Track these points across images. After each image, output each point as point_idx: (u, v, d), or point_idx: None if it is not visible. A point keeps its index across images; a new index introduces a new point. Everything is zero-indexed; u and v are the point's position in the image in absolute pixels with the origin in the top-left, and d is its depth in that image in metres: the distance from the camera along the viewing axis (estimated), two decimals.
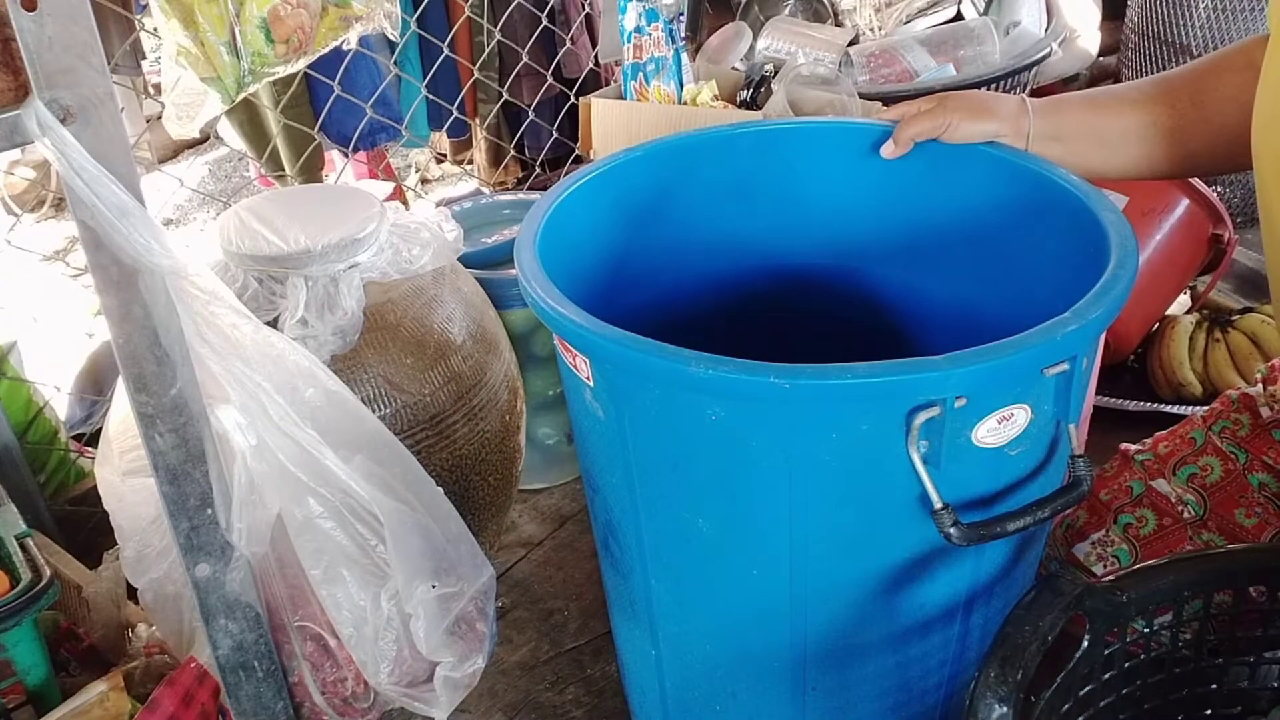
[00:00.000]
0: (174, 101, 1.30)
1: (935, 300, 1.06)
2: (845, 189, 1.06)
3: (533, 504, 1.54)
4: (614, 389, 0.78)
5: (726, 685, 0.89)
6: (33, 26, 0.70)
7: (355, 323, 1.09)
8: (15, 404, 1.36)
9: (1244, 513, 1.00)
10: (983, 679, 0.68)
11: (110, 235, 0.77)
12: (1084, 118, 0.97)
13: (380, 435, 1.03)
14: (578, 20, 2.15)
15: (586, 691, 1.24)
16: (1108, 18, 2.30)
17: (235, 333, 0.91)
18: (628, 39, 1.53)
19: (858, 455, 0.72)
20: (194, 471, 0.91)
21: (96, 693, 0.97)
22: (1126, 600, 0.75)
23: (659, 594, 0.88)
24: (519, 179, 2.39)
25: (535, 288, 0.79)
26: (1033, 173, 0.93)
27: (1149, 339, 1.70)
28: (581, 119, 1.60)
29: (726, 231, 1.09)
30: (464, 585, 1.06)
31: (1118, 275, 0.75)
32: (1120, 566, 1.04)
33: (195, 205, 2.82)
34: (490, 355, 1.25)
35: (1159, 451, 1.08)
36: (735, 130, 1.07)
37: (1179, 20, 2.10)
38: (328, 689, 1.10)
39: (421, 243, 1.17)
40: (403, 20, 1.61)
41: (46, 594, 0.95)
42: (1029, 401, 0.72)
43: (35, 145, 0.74)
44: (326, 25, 1.36)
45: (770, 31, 2.01)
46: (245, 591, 0.98)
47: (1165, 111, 0.95)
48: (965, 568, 0.81)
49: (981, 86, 1.79)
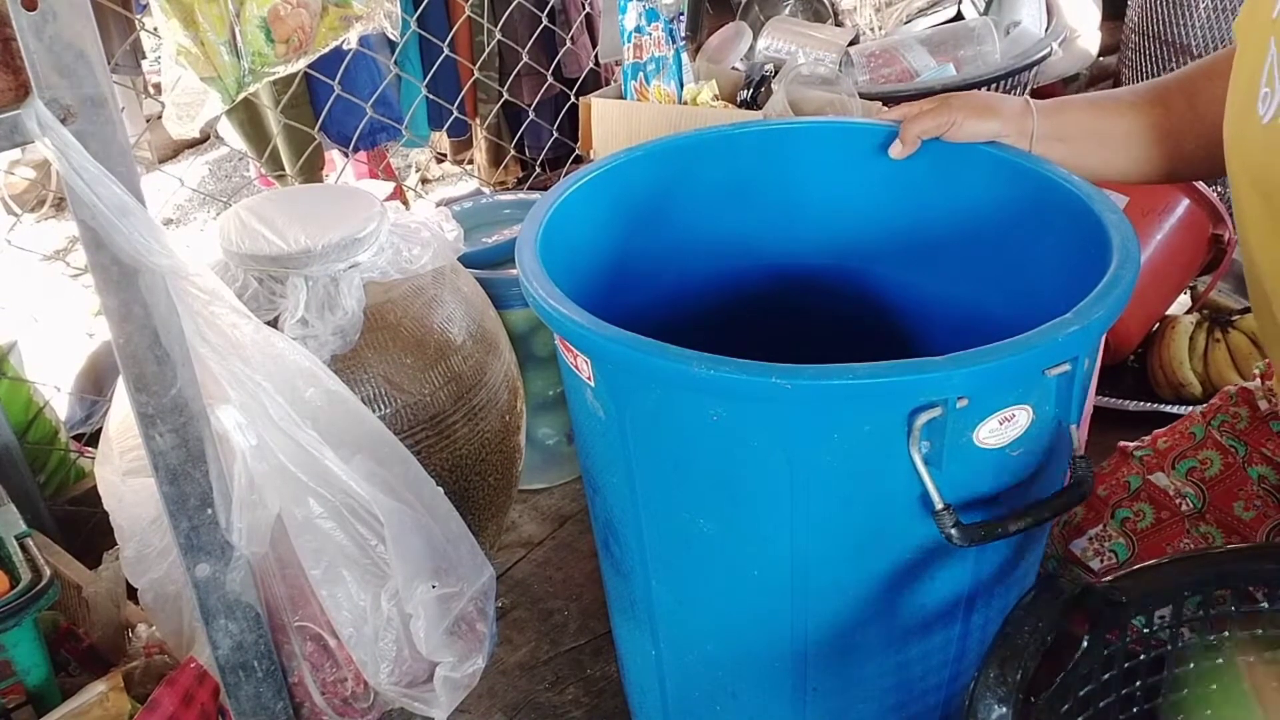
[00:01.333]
0: (174, 101, 1.30)
1: (936, 300, 1.06)
2: (846, 189, 1.06)
3: (533, 504, 1.54)
4: (615, 389, 0.78)
5: (727, 685, 0.89)
6: (33, 26, 0.70)
7: (355, 323, 1.09)
8: (15, 404, 1.36)
9: (1243, 505, 1.00)
10: (982, 679, 0.68)
11: (110, 235, 0.77)
12: (1087, 119, 0.98)
13: (380, 435, 1.03)
14: (578, 20, 2.15)
15: (586, 691, 1.24)
16: (1108, 18, 2.30)
17: (235, 333, 0.91)
18: (628, 39, 1.53)
19: (859, 456, 0.72)
20: (194, 471, 0.91)
21: (96, 693, 0.97)
22: (1126, 600, 0.75)
23: (660, 594, 0.88)
24: (519, 179, 2.39)
25: (537, 288, 0.79)
26: (1035, 173, 0.93)
27: (1149, 339, 1.70)
28: (581, 119, 1.60)
29: (727, 231, 1.09)
30: (464, 585, 1.06)
31: (1119, 276, 0.75)
32: (1118, 561, 1.04)
33: (195, 205, 2.82)
34: (490, 355, 1.25)
35: (1158, 447, 1.08)
36: (735, 130, 1.07)
37: (1179, 20, 2.10)
38: (328, 689, 1.10)
39: (421, 243, 1.17)
40: (403, 20, 1.61)
41: (46, 594, 0.95)
42: (1030, 402, 0.72)
43: (35, 145, 0.74)
44: (326, 25, 1.36)
45: (770, 31, 2.01)
46: (245, 591, 0.98)
47: (1162, 114, 0.96)
48: (966, 568, 0.81)
49: (981, 86, 1.79)
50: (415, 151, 2.73)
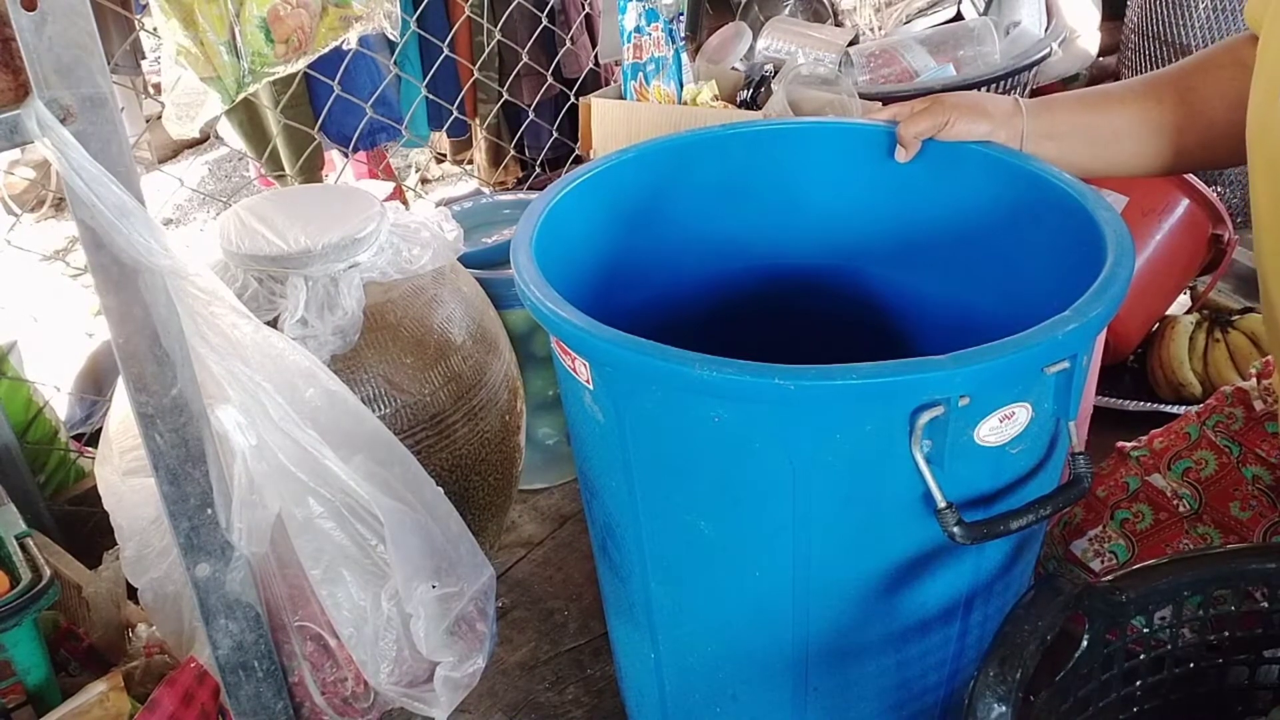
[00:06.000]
0: (174, 101, 1.30)
1: (930, 300, 1.06)
2: (840, 189, 1.06)
3: (533, 504, 1.54)
4: (614, 392, 0.78)
5: (728, 687, 0.89)
6: (33, 26, 0.70)
7: (355, 323, 1.09)
8: (15, 404, 1.36)
9: (1238, 506, 1.01)
10: (982, 678, 0.68)
11: (110, 235, 0.77)
12: (1077, 116, 0.98)
13: (380, 435, 1.03)
14: (578, 20, 2.15)
15: (586, 691, 1.24)
16: (1108, 18, 2.30)
17: (235, 333, 0.91)
18: (628, 39, 1.53)
19: (861, 455, 0.72)
20: (194, 471, 0.91)
21: (96, 693, 0.97)
22: (1126, 600, 0.75)
23: (659, 597, 0.88)
24: (519, 179, 2.39)
25: (534, 290, 0.79)
26: (1028, 172, 0.93)
27: (1149, 339, 1.70)
28: (581, 119, 1.60)
29: (721, 232, 1.09)
30: (464, 585, 1.06)
31: (1116, 272, 0.75)
32: (1118, 562, 1.05)
33: (195, 205, 2.82)
34: (490, 355, 1.25)
35: (1154, 447, 1.09)
36: (727, 131, 1.06)
37: (1179, 20, 2.10)
38: (328, 689, 1.10)
39: (421, 243, 1.17)
40: (403, 20, 1.61)
41: (46, 594, 0.95)
42: (1030, 400, 0.73)
43: (35, 145, 0.74)
44: (326, 25, 1.36)
45: (770, 31, 2.01)
46: (245, 591, 0.98)
47: (1154, 108, 0.96)
48: (965, 567, 0.81)
49: (981, 86, 1.79)
50: (415, 151, 2.73)
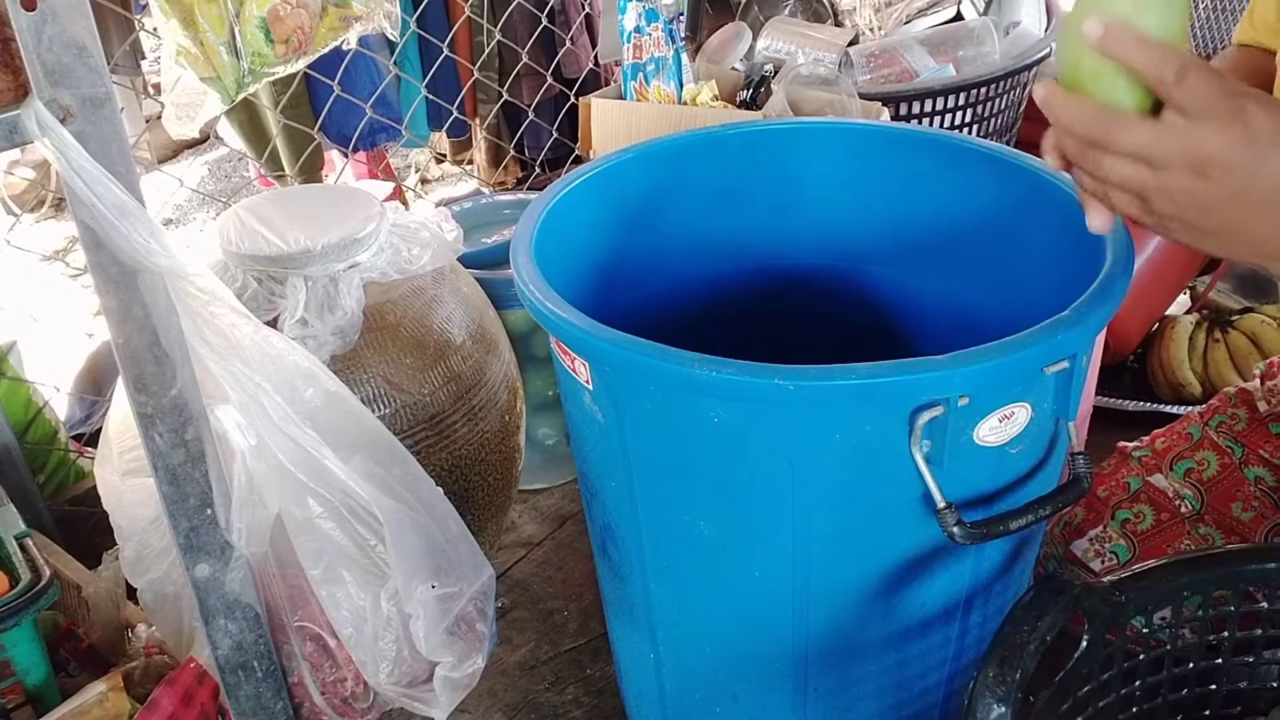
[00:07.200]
0: (174, 101, 1.30)
1: (930, 300, 1.06)
2: (840, 189, 1.06)
3: (533, 504, 1.54)
4: (614, 392, 0.78)
5: (728, 688, 0.89)
6: (33, 26, 0.70)
7: (355, 323, 1.09)
8: (15, 404, 1.36)
9: (1240, 506, 1.01)
10: (981, 678, 0.68)
11: (110, 235, 0.77)
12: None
13: (380, 435, 1.03)
14: (578, 20, 2.15)
15: (586, 691, 1.24)
16: None
17: (235, 333, 0.91)
18: (628, 39, 1.53)
19: (861, 456, 0.72)
20: (194, 471, 0.91)
21: (96, 693, 0.97)
22: (1125, 600, 0.75)
23: (659, 597, 0.88)
24: (519, 179, 2.39)
25: (534, 291, 0.79)
26: (1027, 171, 0.93)
27: (1149, 339, 1.70)
28: (581, 119, 1.60)
29: (720, 232, 1.09)
30: (464, 585, 1.06)
31: (1114, 272, 0.75)
32: (1119, 562, 1.05)
33: (195, 205, 2.82)
34: (490, 355, 1.25)
35: (1156, 448, 1.08)
36: (725, 131, 1.06)
37: None
38: (327, 689, 1.10)
39: (421, 243, 1.17)
40: (403, 20, 1.61)
41: (46, 594, 0.95)
42: (1029, 400, 0.73)
43: (35, 145, 0.74)
44: (326, 25, 1.36)
45: (770, 31, 2.01)
46: (245, 591, 0.98)
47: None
48: (965, 567, 0.81)
49: (981, 87, 1.79)
50: (415, 152, 2.73)
